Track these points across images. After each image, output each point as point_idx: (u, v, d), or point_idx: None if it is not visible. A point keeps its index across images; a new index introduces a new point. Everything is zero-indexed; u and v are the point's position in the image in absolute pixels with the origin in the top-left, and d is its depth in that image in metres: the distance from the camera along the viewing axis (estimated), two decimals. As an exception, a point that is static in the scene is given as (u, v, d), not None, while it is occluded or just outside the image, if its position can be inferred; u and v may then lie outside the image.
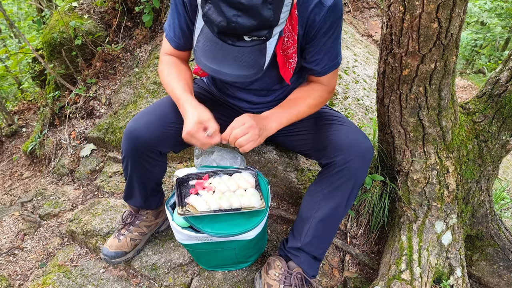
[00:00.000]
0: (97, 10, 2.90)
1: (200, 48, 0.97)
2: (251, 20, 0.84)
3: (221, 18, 0.84)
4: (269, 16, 0.85)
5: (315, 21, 1.10)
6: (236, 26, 0.84)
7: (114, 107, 2.55)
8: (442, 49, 1.17)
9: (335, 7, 1.09)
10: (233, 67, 0.95)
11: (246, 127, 1.12)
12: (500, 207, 1.98)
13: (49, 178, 2.48)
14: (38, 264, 1.82)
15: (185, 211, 1.23)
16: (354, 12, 3.68)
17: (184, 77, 1.26)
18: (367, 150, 1.24)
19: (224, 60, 0.95)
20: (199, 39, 0.98)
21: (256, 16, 0.83)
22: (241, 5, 0.81)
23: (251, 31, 0.86)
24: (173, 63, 1.30)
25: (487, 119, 1.41)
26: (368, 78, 2.63)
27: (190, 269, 1.55)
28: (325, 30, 1.13)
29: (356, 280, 1.51)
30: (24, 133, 3.42)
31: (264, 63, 0.98)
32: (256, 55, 0.95)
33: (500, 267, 1.52)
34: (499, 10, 7.00)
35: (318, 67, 1.23)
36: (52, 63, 2.80)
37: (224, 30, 0.87)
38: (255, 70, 0.98)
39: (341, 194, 1.25)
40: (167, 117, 1.29)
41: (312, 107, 1.28)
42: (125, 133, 1.29)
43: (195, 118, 1.12)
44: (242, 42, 0.90)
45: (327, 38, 1.15)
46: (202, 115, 1.14)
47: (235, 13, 0.83)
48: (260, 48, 0.95)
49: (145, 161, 1.33)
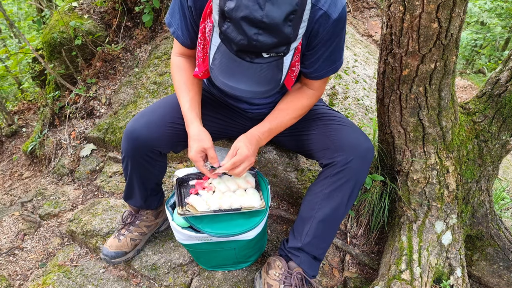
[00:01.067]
0: (97, 10, 2.90)
1: (217, 66, 0.98)
2: (272, 38, 0.85)
3: (242, 37, 0.85)
4: (289, 33, 0.86)
5: (318, 32, 1.10)
6: (257, 44, 0.85)
7: (114, 107, 2.55)
8: (442, 49, 1.17)
9: (339, 20, 1.09)
10: (251, 83, 0.96)
11: (243, 158, 1.19)
12: (500, 207, 1.98)
13: (49, 178, 2.48)
14: (38, 264, 1.82)
15: (185, 211, 1.23)
16: (354, 12, 3.67)
17: (193, 87, 1.30)
18: (367, 151, 1.24)
19: (242, 77, 0.95)
20: (215, 57, 0.98)
21: (277, 34, 0.84)
22: (263, 24, 0.82)
23: (271, 48, 0.87)
24: (184, 68, 1.31)
25: (487, 119, 1.41)
26: (368, 78, 2.63)
27: (190, 269, 1.55)
28: (326, 40, 1.13)
29: (356, 280, 1.51)
30: (24, 133, 3.42)
31: (281, 78, 0.99)
32: (273, 71, 0.96)
33: (500, 267, 1.52)
34: (499, 10, 7.00)
35: (315, 73, 1.23)
36: (52, 63, 2.80)
37: (244, 48, 0.87)
38: (272, 85, 0.99)
39: (342, 195, 1.25)
40: (167, 117, 1.29)
41: (299, 116, 1.32)
42: (125, 133, 1.29)
43: (197, 147, 1.21)
44: (260, 59, 0.91)
45: (327, 47, 1.15)
46: (204, 143, 1.22)
47: (256, 32, 0.83)
48: (277, 63, 0.96)
49: (145, 161, 1.33)
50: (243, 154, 1.19)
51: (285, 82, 1.24)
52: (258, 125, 1.29)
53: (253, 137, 1.25)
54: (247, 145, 1.21)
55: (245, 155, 1.19)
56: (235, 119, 1.49)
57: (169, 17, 1.25)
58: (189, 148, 1.24)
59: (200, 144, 1.21)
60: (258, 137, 1.26)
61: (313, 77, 1.25)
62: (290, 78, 1.23)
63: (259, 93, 0.98)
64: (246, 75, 0.95)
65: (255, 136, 1.25)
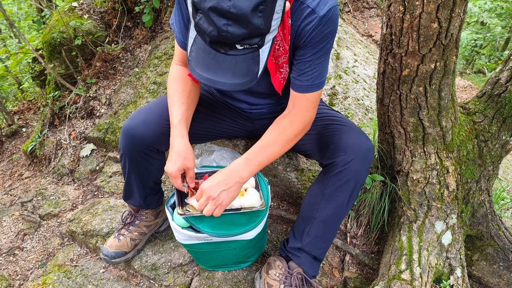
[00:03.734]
0: (97, 10, 2.90)
1: (194, 58, 0.96)
2: (241, 29, 0.83)
3: (212, 28, 0.84)
4: (259, 24, 0.84)
5: (304, 30, 1.08)
6: (226, 36, 0.84)
7: (114, 107, 2.55)
8: (442, 49, 1.17)
9: (328, 19, 1.06)
10: (227, 76, 0.94)
11: (204, 201, 1.13)
12: (500, 207, 1.98)
13: (49, 178, 2.48)
14: (38, 264, 1.82)
15: (185, 211, 1.23)
16: (354, 12, 3.67)
17: (187, 100, 1.25)
18: (368, 151, 1.24)
19: (218, 69, 0.94)
20: (192, 49, 0.96)
21: (247, 25, 0.83)
22: (230, 14, 0.80)
23: (242, 39, 0.86)
24: (180, 79, 1.27)
25: (487, 119, 1.41)
26: (368, 78, 2.63)
27: (190, 269, 1.55)
28: (315, 42, 1.09)
29: (356, 280, 1.51)
30: (24, 133, 3.42)
31: (258, 71, 0.97)
32: (249, 63, 0.95)
33: (500, 267, 1.52)
34: (499, 10, 7.00)
35: (300, 79, 1.17)
36: (52, 63, 2.80)
37: (215, 39, 0.86)
38: (249, 78, 0.97)
39: (342, 195, 1.25)
40: (164, 116, 1.29)
41: (286, 144, 1.21)
42: (122, 130, 1.30)
43: (179, 164, 1.17)
44: (234, 50, 0.90)
45: (316, 51, 1.12)
46: (188, 163, 1.18)
47: (225, 22, 0.82)
48: (253, 56, 0.94)
49: (143, 159, 1.34)
50: (204, 193, 1.14)
51: (274, 83, 1.21)
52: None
53: (226, 168, 1.17)
54: (212, 180, 1.15)
55: (206, 196, 1.13)
56: (234, 118, 1.49)
57: (172, 18, 1.24)
58: (170, 161, 1.18)
59: (184, 162, 1.17)
60: (233, 166, 1.16)
61: (298, 86, 1.19)
62: (278, 79, 1.20)
63: (236, 85, 0.96)
64: (221, 67, 0.94)
65: (231, 166, 1.17)
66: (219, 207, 1.13)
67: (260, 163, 1.17)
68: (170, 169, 1.17)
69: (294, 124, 1.20)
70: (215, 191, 1.12)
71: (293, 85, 1.20)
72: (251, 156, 1.16)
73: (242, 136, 1.72)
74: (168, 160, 1.19)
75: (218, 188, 1.12)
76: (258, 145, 1.19)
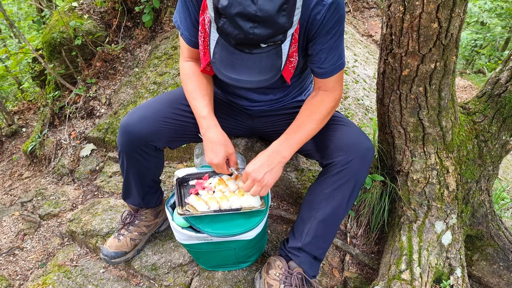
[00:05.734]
0: (97, 10, 2.90)
1: (218, 59, 0.99)
2: (267, 30, 0.86)
3: (238, 31, 0.87)
4: (284, 23, 0.87)
5: (316, 19, 1.10)
6: (253, 37, 0.87)
7: (114, 107, 2.55)
8: (442, 49, 1.17)
9: (336, 4, 1.08)
10: (253, 74, 0.98)
11: (250, 183, 1.19)
12: (500, 207, 1.98)
13: (49, 178, 2.48)
14: (38, 264, 1.82)
15: (185, 211, 1.23)
16: (354, 12, 3.67)
17: (206, 92, 1.29)
18: (368, 150, 1.24)
19: (243, 69, 0.97)
20: (215, 51, 0.99)
21: (272, 25, 0.86)
22: (257, 18, 0.84)
23: (268, 38, 0.89)
24: (194, 74, 1.30)
25: (487, 119, 1.41)
26: (368, 78, 2.63)
27: (190, 269, 1.55)
28: (328, 29, 1.12)
29: (356, 280, 1.51)
30: (24, 133, 3.42)
31: (281, 65, 1.01)
32: (273, 59, 0.98)
33: (500, 267, 1.52)
34: (499, 10, 7.00)
35: (322, 67, 1.21)
36: (52, 63, 2.80)
37: (242, 41, 0.89)
38: (274, 73, 1.01)
39: (342, 195, 1.25)
40: (162, 113, 1.30)
41: (320, 121, 1.25)
42: (120, 127, 1.31)
43: (223, 152, 1.23)
44: (259, 49, 0.93)
45: (330, 37, 1.14)
46: (228, 149, 1.24)
47: (252, 25, 0.85)
48: (276, 51, 0.97)
49: (140, 156, 1.34)
50: (250, 175, 1.19)
51: (284, 73, 1.23)
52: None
53: (269, 150, 1.22)
54: (258, 161, 1.20)
55: (252, 178, 1.18)
56: (236, 116, 1.49)
57: (176, 17, 1.25)
58: (211, 152, 1.22)
59: (226, 149, 1.23)
60: (274, 147, 1.21)
61: (322, 73, 1.23)
62: (288, 69, 1.22)
63: (262, 82, 1.00)
64: (247, 66, 0.97)
65: (272, 147, 1.22)
66: (265, 188, 1.18)
67: (299, 141, 1.22)
68: (215, 160, 1.22)
69: (325, 102, 1.25)
70: (259, 173, 1.17)
71: (316, 74, 1.25)
72: (290, 136, 1.21)
73: (241, 134, 1.72)
74: (209, 152, 1.23)
75: (262, 170, 1.17)
76: (294, 125, 1.24)
